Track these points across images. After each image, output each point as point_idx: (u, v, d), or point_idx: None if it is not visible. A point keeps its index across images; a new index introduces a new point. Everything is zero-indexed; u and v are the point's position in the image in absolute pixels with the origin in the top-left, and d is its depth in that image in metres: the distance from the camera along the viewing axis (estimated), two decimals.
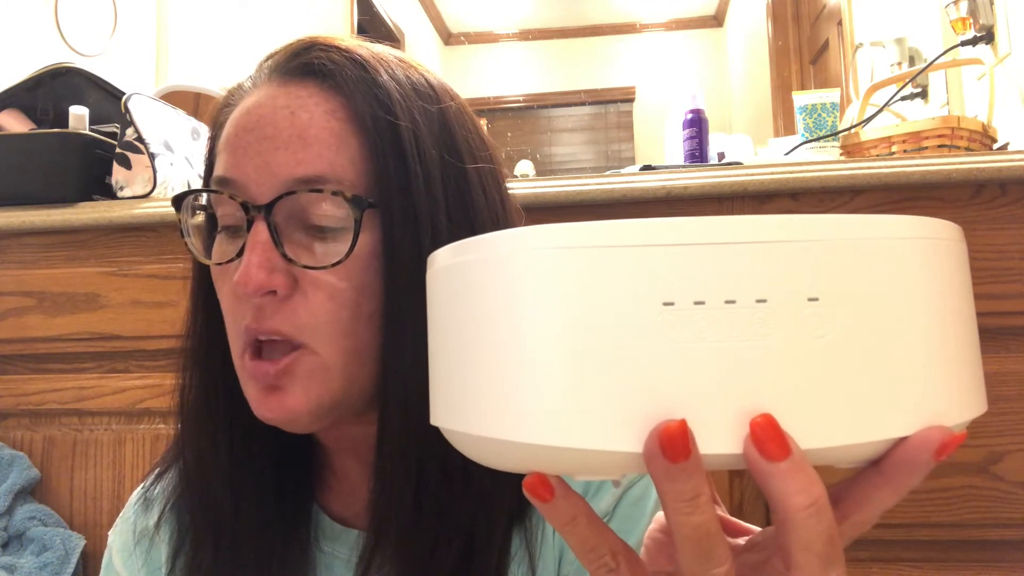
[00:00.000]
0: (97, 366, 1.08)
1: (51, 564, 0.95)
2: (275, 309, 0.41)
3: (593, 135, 5.35)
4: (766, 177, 0.94)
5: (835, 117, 1.28)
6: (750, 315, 0.23)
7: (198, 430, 0.47)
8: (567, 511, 0.26)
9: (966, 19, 1.55)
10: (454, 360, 0.26)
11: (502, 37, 5.31)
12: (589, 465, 0.24)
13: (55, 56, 1.65)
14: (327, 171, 0.41)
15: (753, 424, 0.22)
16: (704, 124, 1.29)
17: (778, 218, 0.23)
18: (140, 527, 0.51)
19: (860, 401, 0.23)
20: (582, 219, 0.93)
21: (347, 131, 0.42)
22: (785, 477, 0.23)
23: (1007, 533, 0.89)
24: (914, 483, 0.24)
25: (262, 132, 0.41)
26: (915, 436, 0.23)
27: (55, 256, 1.10)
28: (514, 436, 0.23)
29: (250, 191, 0.41)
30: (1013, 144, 1.32)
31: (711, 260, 0.23)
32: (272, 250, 0.40)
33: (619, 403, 0.23)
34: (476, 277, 0.25)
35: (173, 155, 1.13)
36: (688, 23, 5.07)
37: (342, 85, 0.42)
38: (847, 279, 0.23)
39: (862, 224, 0.24)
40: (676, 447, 0.22)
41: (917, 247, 0.24)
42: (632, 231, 0.23)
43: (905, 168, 0.92)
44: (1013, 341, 0.91)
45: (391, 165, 0.41)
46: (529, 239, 0.24)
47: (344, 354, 0.41)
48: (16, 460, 1.04)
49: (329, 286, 0.41)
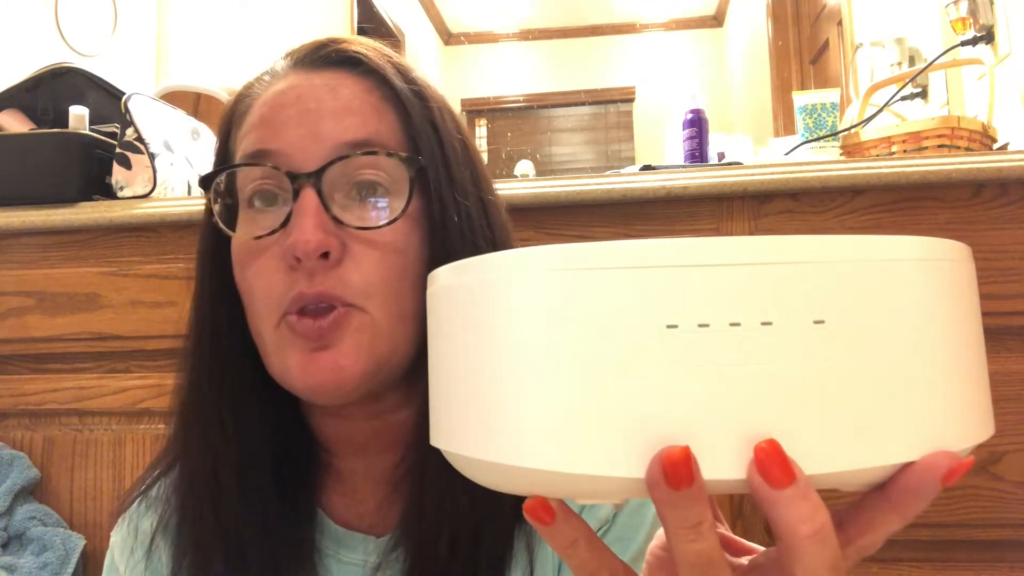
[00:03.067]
0: (97, 366, 1.08)
1: (51, 564, 0.95)
2: (326, 273, 0.41)
3: (593, 135, 5.35)
4: (766, 177, 0.94)
5: (835, 117, 1.28)
6: (755, 337, 0.22)
7: (198, 430, 0.47)
8: (568, 534, 0.26)
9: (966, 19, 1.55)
10: (454, 382, 0.26)
11: (502, 37, 5.31)
12: (590, 490, 0.23)
13: (55, 56, 1.65)
14: (373, 136, 0.43)
15: (757, 450, 0.22)
16: (704, 124, 1.29)
17: (784, 239, 0.23)
18: (142, 528, 0.51)
19: (866, 426, 0.23)
20: (582, 219, 0.93)
21: (384, 107, 0.44)
22: (789, 504, 0.22)
23: (1007, 533, 0.89)
24: (920, 508, 0.24)
25: (304, 106, 0.43)
26: (921, 461, 0.23)
27: (55, 256, 1.10)
28: (514, 461, 0.23)
29: (295, 160, 0.42)
30: (1013, 144, 1.32)
31: (716, 282, 0.22)
32: (324, 214, 0.41)
33: (621, 428, 0.22)
34: (475, 298, 0.25)
35: (173, 155, 1.13)
36: (688, 23, 5.07)
37: (373, 69, 0.45)
38: (853, 301, 0.23)
39: (869, 245, 0.23)
40: (679, 474, 0.22)
41: (924, 269, 0.24)
42: (635, 253, 0.23)
43: (905, 168, 0.92)
44: (1013, 341, 0.91)
45: (430, 136, 0.44)
46: (530, 260, 0.23)
47: (392, 316, 0.42)
48: (16, 460, 1.04)
49: (379, 248, 0.42)
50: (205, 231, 0.48)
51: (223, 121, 0.48)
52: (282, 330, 0.42)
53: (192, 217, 1.05)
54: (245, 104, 0.47)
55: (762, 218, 0.96)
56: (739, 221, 0.97)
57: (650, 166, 1.06)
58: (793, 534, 0.23)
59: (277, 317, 0.42)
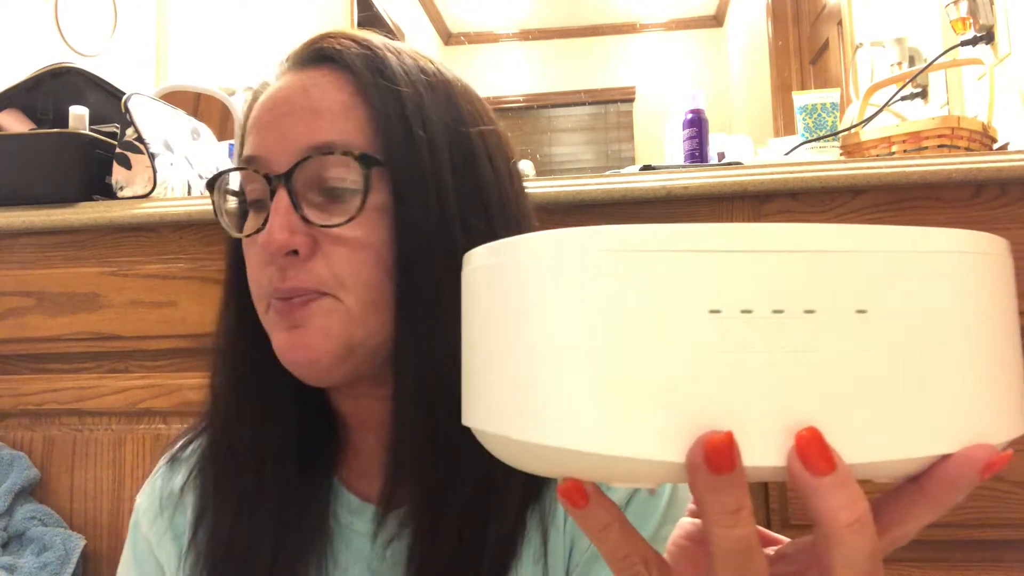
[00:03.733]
0: (97, 366, 1.08)
1: (51, 564, 0.95)
2: (298, 269, 0.44)
3: (593, 135, 5.35)
4: (766, 177, 0.94)
5: (835, 117, 1.28)
6: (798, 325, 0.22)
7: (228, 401, 0.50)
8: (601, 518, 0.26)
9: (966, 19, 1.55)
10: (489, 362, 0.26)
11: (502, 37, 5.31)
12: (626, 473, 0.23)
13: (55, 56, 1.65)
14: (337, 138, 0.45)
15: (799, 437, 0.22)
16: (704, 124, 1.29)
17: (829, 227, 0.23)
18: (167, 490, 0.53)
19: (906, 416, 0.23)
20: (582, 219, 0.93)
21: (355, 102, 0.46)
22: (829, 492, 0.22)
23: (1007, 533, 0.89)
24: (955, 501, 0.24)
25: (279, 110, 0.46)
26: (959, 454, 0.23)
27: (55, 256, 1.10)
28: (551, 441, 0.23)
29: (271, 164, 0.45)
30: (1013, 144, 1.32)
31: (761, 268, 0.22)
32: (292, 213, 0.44)
33: (661, 411, 0.22)
34: (514, 279, 0.24)
35: (173, 155, 1.13)
36: (688, 23, 5.07)
37: (349, 63, 0.46)
38: (896, 292, 0.23)
39: (913, 237, 0.23)
40: (722, 459, 0.22)
41: (967, 262, 0.24)
42: (680, 236, 0.23)
43: (905, 168, 0.92)
44: None
45: (396, 129, 0.45)
46: (571, 241, 0.23)
47: (364, 304, 0.45)
48: (16, 460, 1.04)
49: (346, 243, 0.44)
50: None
51: (243, 120, 0.51)
52: (270, 314, 0.46)
53: (192, 217, 1.05)
54: (252, 107, 0.50)
55: (762, 218, 0.96)
56: (739, 221, 0.97)
57: (650, 166, 1.06)
58: (833, 523, 0.23)
59: (265, 304, 0.46)
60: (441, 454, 0.44)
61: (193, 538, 0.50)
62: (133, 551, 0.54)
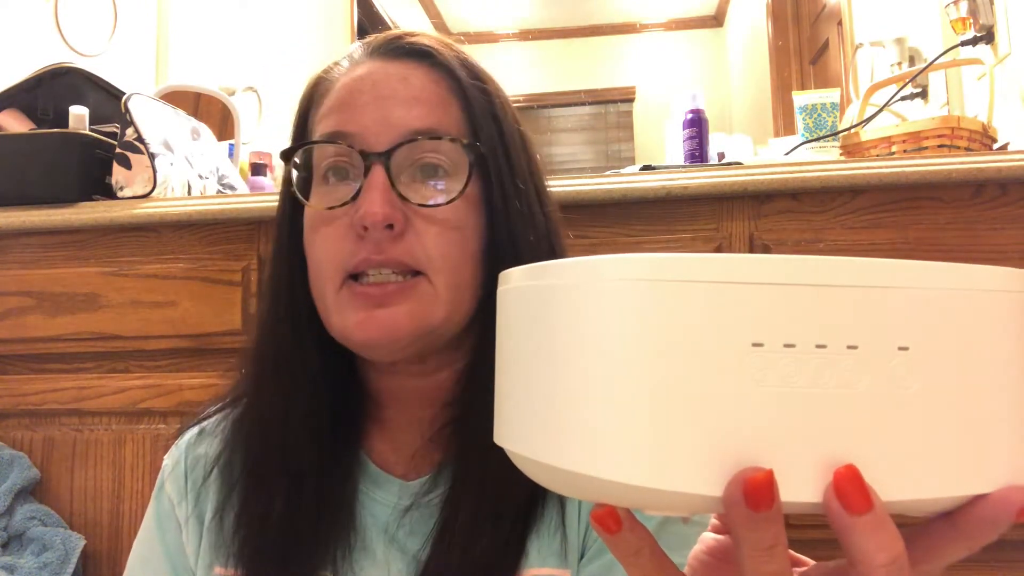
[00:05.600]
0: (97, 366, 1.08)
1: (51, 564, 0.95)
2: (391, 243, 0.46)
3: (593, 135, 5.35)
4: (766, 177, 0.94)
5: (835, 117, 1.28)
6: (840, 361, 0.22)
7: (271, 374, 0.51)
8: (633, 544, 0.26)
9: (966, 19, 1.55)
10: (525, 385, 0.25)
11: (502, 37, 5.31)
12: (663, 503, 0.23)
13: (55, 56, 1.65)
14: (437, 125, 0.48)
15: (837, 475, 0.22)
16: (704, 124, 1.29)
17: (874, 262, 0.23)
18: (193, 454, 0.56)
19: (944, 455, 0.23)
20: (582, 219, 0.93)
21: (450, 98, 0.49)
22: (866, 532, 0.22)
23: (1007, 533, 0.89)
24: (989, 540, 0.24)
25: (378, 92, 0.48)
26: (996, 494, 0.23)
27: (55, 256, 1.10)
28: (587, 470, 0.23)
29: (368, 141, 0.47)
30: (1013, 144, 1.32)
31: (804, 302, 0.22)
32: (390, 190, 0.46)
33: (701, 445, 0.22)
34: (554, 303, 0.24)
35: (173, 155, 1.13)
36: (688, 23, 5.06)
37: (442, 63, 0.50)
38: (938, 330, 0.23)
39: (958, 274, 0.23)
40: (761, 496, 0.22)
41: (1010, 301, 0.24)
42: (723, 267, 0.22)
43: (905, 168, 0.92)
44: None
45: (489, 124, 0.49)
46: (613, 269, 0.23)
47: (451, 286, 0.47)
48: (16, 460, 1.05)
49: (439, 223, 0.47)
50: (283, 200, 0.54)
51: (302, 100, 0.53)
52: (343, 293, 0.47)
53: (192, 217, 1.05)
54: (324, 86, 0.51)
55: (762, 218, 0.96)
56: (739, 221, 0.97)
57: (650, 166, 1.06)
58: (869, 563, 0.22)
59: (340, 280, 0.47)
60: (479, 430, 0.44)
61: (225, 501, 0.51)
62: (157, 512, 0.56)
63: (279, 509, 0.49)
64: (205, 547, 0.52)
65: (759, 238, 0.96)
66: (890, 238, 0.93)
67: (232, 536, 0.50)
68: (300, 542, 0.49)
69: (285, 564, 0.48)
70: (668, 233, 0.98)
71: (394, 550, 0.49)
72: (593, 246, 0.98)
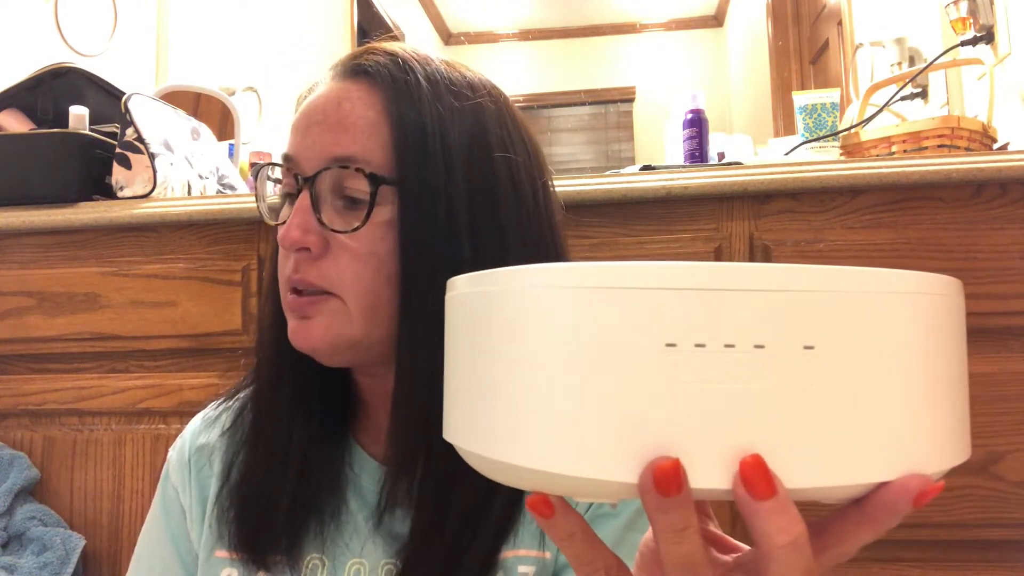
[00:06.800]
0: (97, 366, 1.09)
1: (51, 564, 0.95)
2: (309, 265, 0.49)
3: (593, 135, 5.35)
4: (766, 177, 0.94)
5: (835, 117, 1.28)
6: (748, 360, 0.24)
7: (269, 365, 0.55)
8: (565, 527, 0.28)
9: (966, 19, 1.55)
10: (466, 383, 0.28)
11: (502, 37, 5.31)
12: (587, 490, 0.25)
13: (55, 56, 1.65)
14: (358, 153, 0.49)
15: (743, 464, 0.24)
16: (704, 124, 1.29)
17: (780, 267, 0.24)
18: (198, 443, 0.59)
19: (846, 446, 0.24)
20: (582, 218, 0.93)
21: (381, 121, 0.49)
22: (769, 515, 0.24)
23: (1007, 533, 0.89)
24: (893, 524, 0.26)
25: (313, 118, 0.50)
26: (896, 482, 0.25)
27: (55, 256, 1.10)
28: (519, 461, 0.25)
29: (302, 166, 0.50)
30: (1013, 144, 1.32)
31: (714, 306, 0.24)
32: (310, 214, 0.49)
33: (619, 436, 0.24)
34: (490, 308, 0.27)
35: (173, 155, 1.13)
36: (688, 23, 5.06)
37: (382, 84, 0.50)
38: (843, 330, 0.24)
39: (861, 277, 0.25)
40: (668, 483, 0.24)
41: (912, 302, 0.25)
42: (639, 274, 0.24)
43: (905, 168, 0.92)
44: (1013, 341, 0.91)
45: (412, 149, 0.49)
46: (542, 277, 0.25)
47: (364, 308, 0.49)
48: (16, 460, 1.05)
49: (352, 250, 0.49)
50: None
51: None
52: (288, 301, 0.51)
53: (192, 217, 1.05)
54: (298, 107, 0.54)
55: (762, 218, 0.96)
56: (739, 221, 0.97)
57: (650, 166, 1.06)
58: (770, 543, 0.25)
59: (285, 291, 0.51)
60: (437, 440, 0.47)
61: (227, 477, 0.55)
62: (162, 499, 0.59)
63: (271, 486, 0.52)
64: (207, 532, 0.55)
65: (759, 238, 0.96)
66: (890, 238, 0.93)
67: (226, 515, 0.54)
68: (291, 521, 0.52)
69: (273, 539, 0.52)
70: (668, 233, 0.98)
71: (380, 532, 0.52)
72: (593, 246, 0.98)
